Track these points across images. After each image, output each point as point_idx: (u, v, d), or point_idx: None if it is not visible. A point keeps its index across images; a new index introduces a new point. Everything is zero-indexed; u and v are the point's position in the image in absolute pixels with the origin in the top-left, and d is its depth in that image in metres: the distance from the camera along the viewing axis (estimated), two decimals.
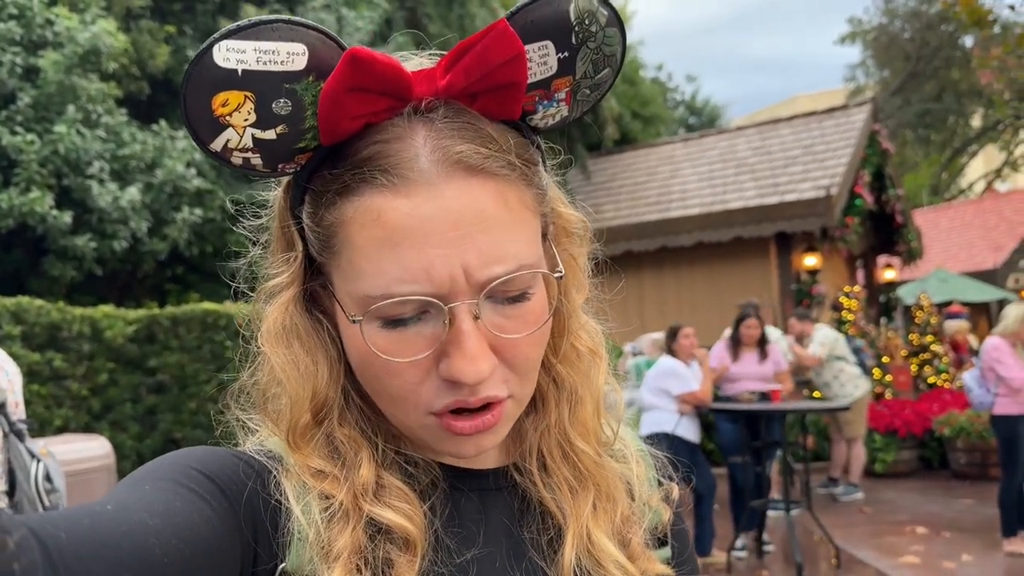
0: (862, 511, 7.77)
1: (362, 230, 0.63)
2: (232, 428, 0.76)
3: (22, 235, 9.87)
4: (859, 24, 26.77)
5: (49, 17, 9.92)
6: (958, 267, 18.61)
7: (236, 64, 0.59)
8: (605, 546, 0.74)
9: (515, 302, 0.66)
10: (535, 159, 0.70)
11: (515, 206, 0.65)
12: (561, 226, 0.75)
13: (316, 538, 0.64)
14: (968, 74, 23.14)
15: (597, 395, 0.79)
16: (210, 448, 0.67)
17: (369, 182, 0.63)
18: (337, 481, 0.67)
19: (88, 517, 0.52)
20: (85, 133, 9.68)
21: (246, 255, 0.76)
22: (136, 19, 11.77)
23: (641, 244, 11.67)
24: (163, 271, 12.02)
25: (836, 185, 10.70)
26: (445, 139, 0.63)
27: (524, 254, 0.65)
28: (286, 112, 0.62)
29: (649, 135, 18.70)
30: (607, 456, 0.80)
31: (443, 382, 0.65)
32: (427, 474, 0.72)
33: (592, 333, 0.80)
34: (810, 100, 30.41)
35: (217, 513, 0.59)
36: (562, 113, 0.72)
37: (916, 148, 27.73)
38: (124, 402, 8.56)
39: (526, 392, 0.70)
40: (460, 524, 0.71)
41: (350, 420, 0.71)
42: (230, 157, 0.64)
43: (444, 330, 0.63)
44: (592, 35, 0.66)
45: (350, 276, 0.65)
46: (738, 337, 6.69)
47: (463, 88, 0.64)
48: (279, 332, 0.70)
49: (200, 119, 0.61)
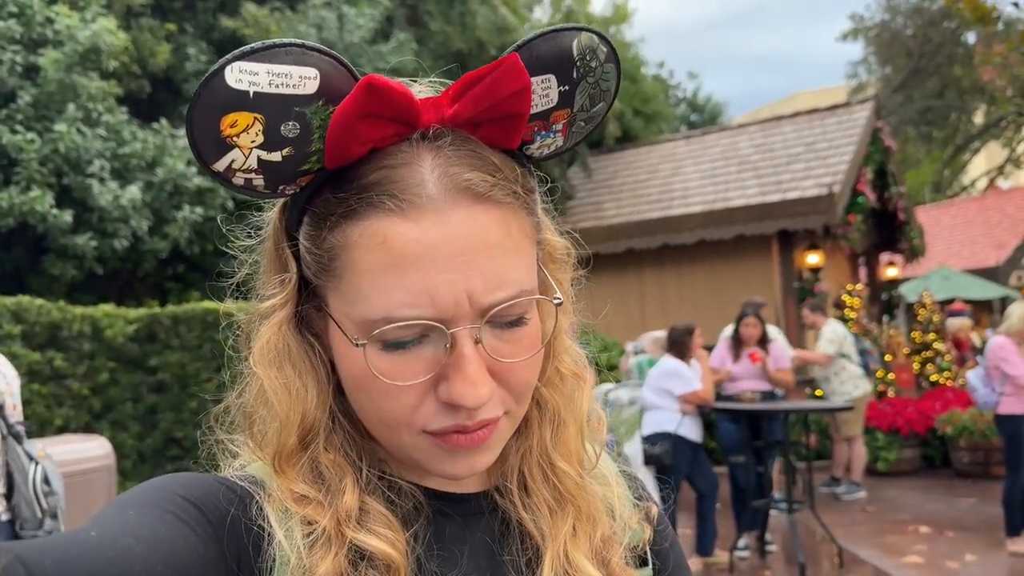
0: (865, 510, 7.76)
1: (367, 253, 0.63)
2: (214, 451, 0.76)
3: (22, 234, 9.87)
4: (861, 21, 26.73)
5: (49, 15, 9.91)
6: (961, 264, 18.60)
7: (248, 86, 0.59)
8: (583, 567, 0.74)
9: (513, 327, 0.67)
10: (534, 188, 0.72)
11: (516, 234, 0.66)
12: (548, 252, 0.76)
13: (298, 563, 0.64)
14: (971, 71, 23.08)
15: (580, 418, 0.79)
16: (193, 474, 0.67)
17: (376, 206, 0.63)
18: (320, 507, 0.67)
19: (74, 544, 0.53)
20: (85, 132, 9.67)
21: (239, 258, 0.76)
22: (136, 17, 11.76)
23: (643, 242, 11.65)
24: (164, 270, 12.01)
25: (838, 183, 10.67)
26: (452, 166, 0.64)
27: (524, 280, 0.66)
28: (294, 135, 0.62)
29: (651, 132, 18.68)
30: (590, 479, 0.80)
31: (441, 405, 0.65)
32: (410, 499, 0.72)
33: (576, 357, 0.81)
34: (812, 97, 30.38)
35: (201, 539, 0.60)
36: (557, 144, 0.74)
37: (918, 145, 27.69)
38: (125, 401, 8.55)
39: (520, 411, 0.71)
40: (442, 548, 0.71)
41: (336, 444, 0.71)
42: (232, 177, 0.64)
43: (445, 354, 0.64)
44: (592, 70, 0.69)
45: (351, 299, 0.65)
46: (739, 337, 6.67)
47: (470, 118, 0.65)
48: (271, 354, 0.70)
49: (206, 139, 0.61)
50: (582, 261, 0.83)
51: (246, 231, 0.76)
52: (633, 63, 20.70)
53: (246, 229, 0.76)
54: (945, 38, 24.30)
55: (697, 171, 12.89)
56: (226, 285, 0.76)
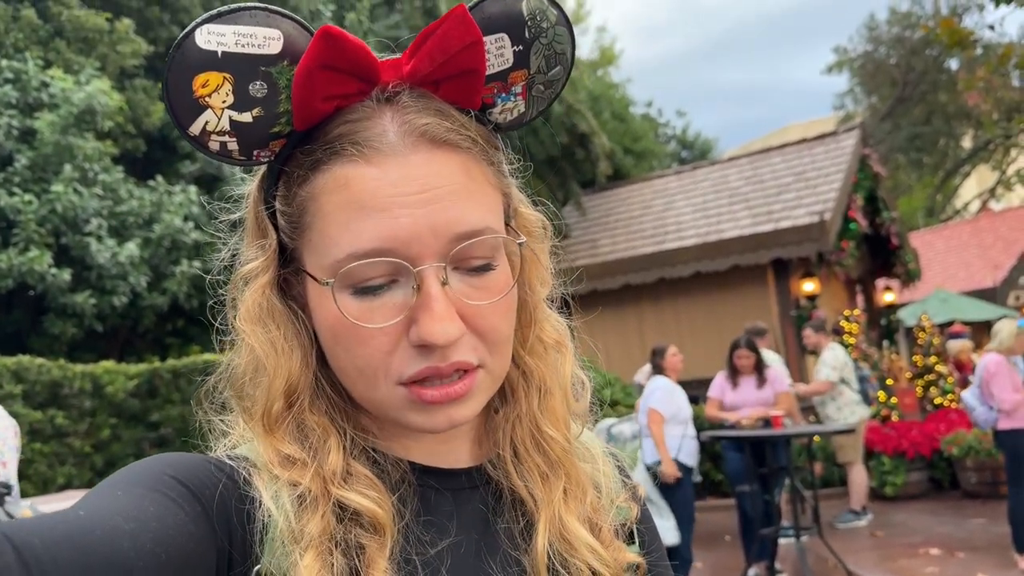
0: (874, 535, 7.69)
1: (332, 197, 0.66)
2: (205, 430, 0.77)
3: (22, 295, 9.92)
4: (845, 53, 27.11)
5: (44, 79, 10.08)
6: (957, 287, 18.61)
7: (216, 46, 0.63)
8: (577, 531, 0.75)
9: (480, 272, 0.69)
10: (495, 143, 0.74)
11: (478, 178, 0.69)
12: (523, 225, 0.78)
13: (287, 526, 0.64)
14: (955, 96, 23.37)
15: (565, 385, 0.81)
16: (182, 454, 0.67)
17: (339, 154, 0.66)
18: (306, 467, 0.68)
19: (62, 523, 0.53)
20: (82, 191, 9.78)
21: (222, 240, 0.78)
22: (130, 78, 11.95)
23: (639, 277, 11.69)
24: (164, 324, 12.03)
25: (829, 210, 10.75)
26: (411, 114, 0.67)
27: (488, 220, 0.68)
28: (262, 95, 0.66)
29: (642, 170, 18.85)
30: (578, 449, 0.81)
31: (414, 350, 0.66)
32: (396, 469, 0.72)
33: (557, 326, 0.82)
34: (802, 129, 30.69)
35: (190, 517, 0.60)
36: (519, 109, 0.76)
37: (909, 171, 27.91)
38: (127, 457, 8.52)
39: (497, 366, 0.72)
40: (431, 517, 0.72)
41: (321, 408, 0.72)
42: (208, 141, 0.67)
43: (413, 295, 0.65)
44: (543, 31, 0.71)
45: (320, 248, 0.67)
46: (734, 366, 6.67)
47: (427, 74, 0.67)
48: (256, 314, 0.71)
49: (181, 101, 0.64)
50: (582, 297, 0.85)
51: (225, 208, 0.78)
52: (621, 103, 20.95)
53: (225, 205, 0.78)
54: (928, 65, 24.64)
55: (689, 205, 12.98)
56: (222, 337, 0.76)
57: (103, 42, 11.37)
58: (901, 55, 25.33)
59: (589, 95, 18.39)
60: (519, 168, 0.80)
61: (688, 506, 5.82)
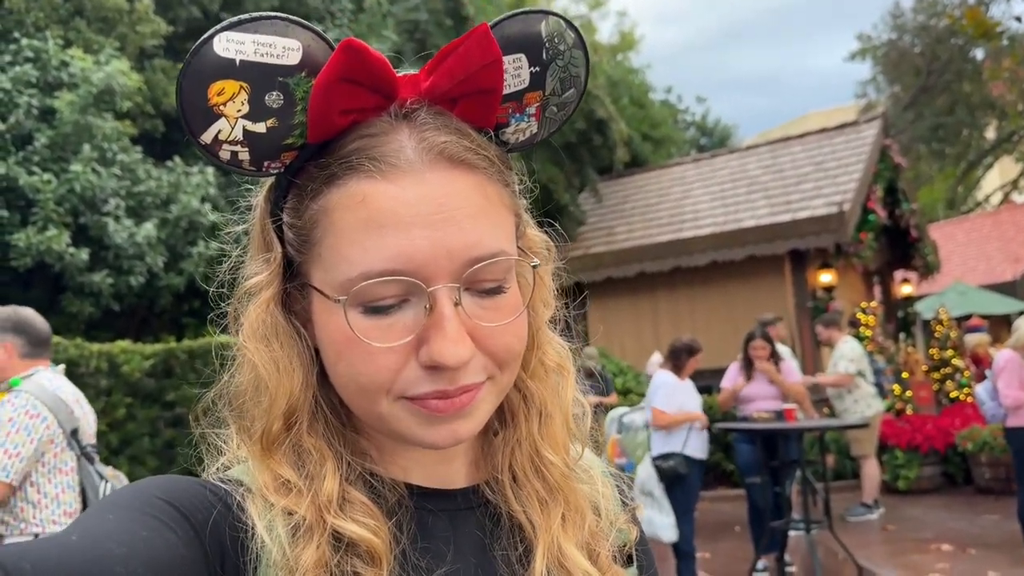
0: (885, 529, 7.67)
1: (346, 213, 0.65)
2: (201, 451, 0.76)
3: (40, 273, 10.00)
4: (868, 40, 26.79)
5: (64, 59, 10.11)
6: (976, 280, 18.45)
7: (235, 54, 0.62)
8: (575, 558, 0.74)
9: (492, 295, 0.68)
10: (509, 163, 0.74)
11: (494, 199, 0.68)
12: (529, 246, 0.77)
13: (280, 555, 0.63)
14: (980, 86, 23.09)
15: (565, 410, 0.80)
16: (174, 477, 0.67)
17: (356, 169, 0.65)
18: (301, 495, 0.67)
19: (55, 548, 0.53)
20: (101, 171, 9.82)
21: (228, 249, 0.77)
22: (150, 58, 11.97)
23: (654, 265, 11.65)
24: (180, 305, 12.09)
25: (848, 201, 10.67)
26: (429, 132, 0.66)
27: (503, 243, 0.68)
28: (277, 105, 0.65)
29: (660, 157, 18.74)
30: (577, 474, 0.80)
31: (423, 371, 0.65)
32: (394, 494, 0.71)
33: (559, 349, 0.81)
34: (823, 117, 30.41)
35: (183, 541, 0.59)
36: (532, 129, 0.75)
37: (931, 162, 27.60)
38: (142, 436, 8.59)
39: (505, 379, 0.71)
40: (428, 542, 0.71)
41: (318, 431, 0.71)
42: (219, 151, 0.66)
43: (425, 315, 0.64)
44: (560, 53, 0.71)
45: (331, 263, 0.66)
46: (748, 358, 6.65)
47: (445, 91, 0.67)
48: (260, 330, 0.70)
49: (195, 108, 0.63)
50: (596, 285, 0.83)
51: (234, 218, 0.77)
52: (640, 89, 20.83)
53: (234, 216, 0.77)
54: (953, 55, 24.31)
55: (707, 193, 12.92)
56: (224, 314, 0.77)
57: (123, 22, 11.37)
58: (926, 44, 24.99)
59: (608, 80, 18.28)
60: (526, 188, 0.79)
61: (688, 499, 5.81)
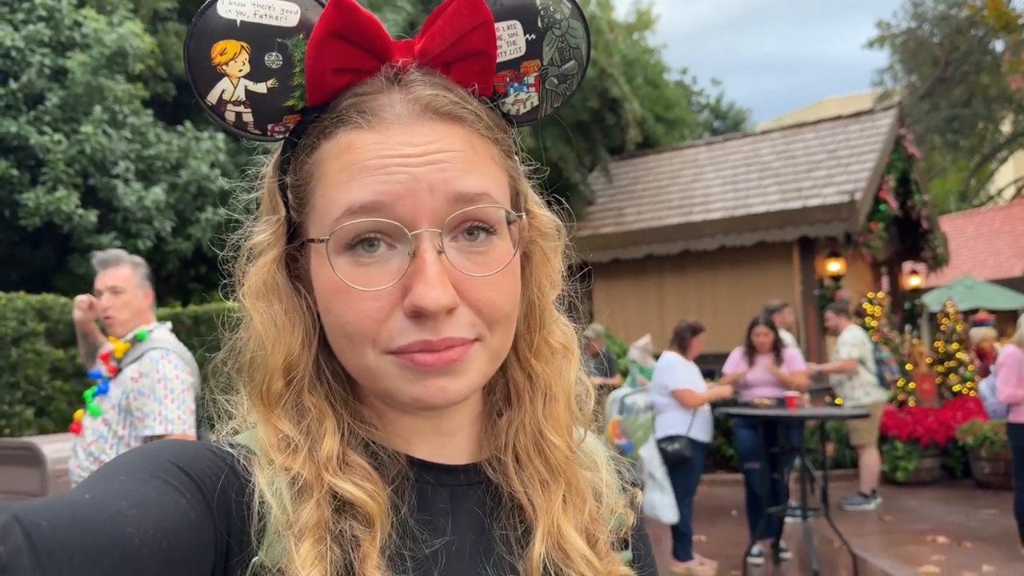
0: (882, 519, 7.69)
1: (334, 161, 0.67)
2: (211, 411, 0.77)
3: (49, 233, 10.02)
4: (888, 28, 26.51)
5: (77, 19, 10.07)
6: (985, 274, 18.38)
7: (236, 15, 0.66)
8: (574, 540, 0.74)
9: (477, 240, 0.68)
10: (504, 126, 0.74)
11: (480, 151, 0.69)
12: (535, 226, 0.77)
13: (282, 513, 0.64)
14: (998, 79, 22.84)
15: (569, 391, 0.80)
16: (183, 441, 0.67)
17: (345, 122, 0.67)
18: (300, 452, 0.68)
19: (69, 506, 0.54)
20: (111, 133, 9.82)
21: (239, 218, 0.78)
22: (163, 21, 11.92)
23: (663, 248, 11.62)
24: (187, 270, 12.13)
25: (860, 190, 10.60)
26: (417, 88, 0.68)
27: (489, 188, 0.68)
28: (277, 66, 0.68)
29: (672, 138, 18.64)
30: (579, 458, 0.81)
31: (406, 320, 0.66)
32: (394, 463, 0.72)
33: (565, 330, 0.81)
34: (838, 104, 30.18)
35: (191, 504, 0.60)
36: (532, 101, 0.76)
37: (944, 153, 27.39)
38: None
39: (495, 343, 0.71)
40: (427, 514, 0.71)
41: (319, 392, 0.72)
42: (224, 111, 0.69)
43: (408, 262, 0.66)
44: (556, 22, 0.73)
45: (321, 211, 0.68)
46: (752, 344, 6.66)
47: (437, 53, 0.69)
48: (261, 289, 0.72)
49: (200, 68, 0.67)
50: (603, 265, 0.83)
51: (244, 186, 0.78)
52: (656, 69, 20.67)
53: (245, 183, 0.78)
54: (972, 46, 24.04)
55: (718, 177, 12.85)
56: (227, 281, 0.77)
57: None
58: (945, 34, 24.71)
59: (623, 59, 18.14)
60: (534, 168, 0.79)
61: (690, 481, 5.85)
